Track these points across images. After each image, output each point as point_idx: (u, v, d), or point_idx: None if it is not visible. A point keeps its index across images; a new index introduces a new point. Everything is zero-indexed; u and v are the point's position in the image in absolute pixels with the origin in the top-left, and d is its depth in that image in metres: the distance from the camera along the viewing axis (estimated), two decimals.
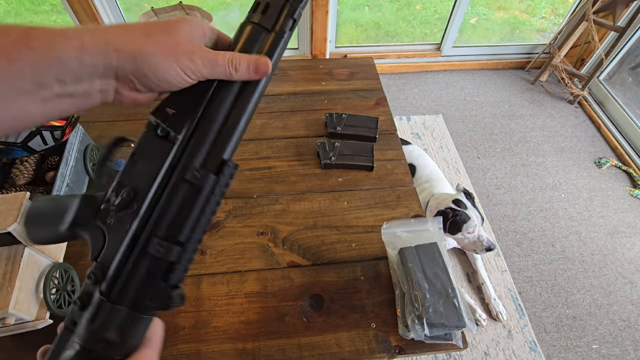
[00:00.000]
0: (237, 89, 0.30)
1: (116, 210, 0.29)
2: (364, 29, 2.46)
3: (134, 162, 0.30)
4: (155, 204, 0.29)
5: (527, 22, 2.58)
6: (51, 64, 0.23)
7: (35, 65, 0.23)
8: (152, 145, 0.30)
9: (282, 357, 0.58)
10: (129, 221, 0.29)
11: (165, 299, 0.29)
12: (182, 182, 0.29)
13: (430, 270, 0.61)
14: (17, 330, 0.54)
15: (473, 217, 1.20)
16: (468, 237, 1.22)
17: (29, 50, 0.23)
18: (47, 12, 2.28)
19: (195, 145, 0.29)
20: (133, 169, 0.30)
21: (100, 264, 0.29)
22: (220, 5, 2.39)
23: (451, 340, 0.57)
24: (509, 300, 1.42)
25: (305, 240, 0.72)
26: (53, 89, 0.24)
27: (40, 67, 0.23)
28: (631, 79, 2.13)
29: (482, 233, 1.22)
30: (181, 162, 0.29)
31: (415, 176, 1.51)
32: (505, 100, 2.26)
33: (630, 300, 1.45)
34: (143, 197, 0.29)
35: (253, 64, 0.29)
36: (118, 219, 0.29)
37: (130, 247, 0.29)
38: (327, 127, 0.90)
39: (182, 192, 0.29)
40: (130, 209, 0.29)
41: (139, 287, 0.28)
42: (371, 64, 1.11)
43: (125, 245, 0.28)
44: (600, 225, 1.68)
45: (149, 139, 0.30)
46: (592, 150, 2.00)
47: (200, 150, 0.29)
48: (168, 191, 0.29)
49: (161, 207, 0.29)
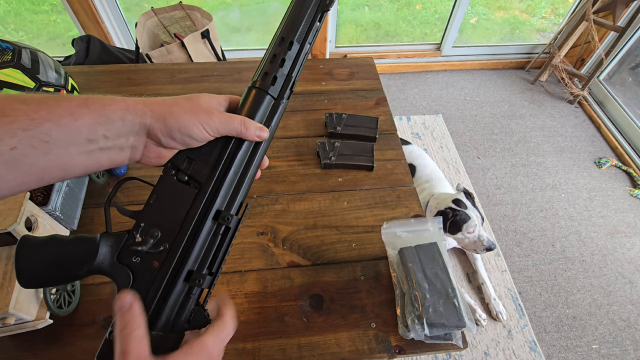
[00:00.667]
0: (248, 149, 0.36)
1: (147, 250, 0.32)
2: (364, 29, 2.46)
3: (153, 205, 0.33)
4: (190, 243, 0.33)
5: (527, 22, 2.58)
6: (102, 121, 0.28)
7: (91, 122, 0.28)
8: (173, 189, 0.34)
9: (282, 357, 0.58)
10: (158, 259, 0.33)
11: (202, 319, 0.34)
12: (218, 226, 0.34)
13: (430, 270, 0.61)
14: (17, 330, 0.54)
15: (473, 216, 1.20)
16: (468, 237, 1.22)
17: (89, 110, 0.28)
18: (47, 12, 2.28)
19: (225, 194, 0.35)
20: (154, 211, 0.33)
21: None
22: (220, 5, 2.39)
23: (451, 340, 0.57)
24: (509, 300, 1.42)
25: (305, 240, 0.72)
26: (98, 143, 0.29)
27: (94, 125, 0.28)
28: (631, 79, 2.13)
29: (482, 233, 1.22)
30: (213, 207, 0.34)
31: (415, 176, 1.51)
32: (505, 100, 2.26)
33: (630, 300, 1.45)
34: (171, 237, 0.33)
35: (259, 127, 0.35)
36: (144, 258, 0.33)
37: (170, 282, 0.33)
38: (327, 127, 0.90)
39: (218, 233, 0.35)
40: (158, 249, 0.33)
41: (177, 314, 0.33)
42: (371, 64, 1.11)
43: (164, 281, 0.32)
44: (600, 225, 1.68)
45: (168, 184, 0.34)
46: (592, 150, 2.00)
47: (229, 198, 0.35)
48: (206, 233, 0.34)
49: (200, 246, 0.34)
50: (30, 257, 0.30)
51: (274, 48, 0.37)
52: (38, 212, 0.59)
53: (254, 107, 0.36)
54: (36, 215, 0.58)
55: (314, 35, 0.38)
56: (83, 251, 0.31)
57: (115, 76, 1.02)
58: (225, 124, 0.33)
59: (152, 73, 1.05)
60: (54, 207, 0.64)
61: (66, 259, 0.31)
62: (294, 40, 0.36)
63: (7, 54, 0.58)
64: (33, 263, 0.30)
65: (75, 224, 0.70)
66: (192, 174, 0.34)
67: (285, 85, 0.37)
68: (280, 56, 0.36)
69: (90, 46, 1.51)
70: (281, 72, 0.37)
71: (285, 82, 0.37)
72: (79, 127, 0.27)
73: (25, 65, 0.60)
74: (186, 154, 0.34)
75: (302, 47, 0.37)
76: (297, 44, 0.37)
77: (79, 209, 0.72)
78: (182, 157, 0.34)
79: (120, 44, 2.05)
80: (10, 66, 0.58)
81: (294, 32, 0.36)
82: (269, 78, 0.36)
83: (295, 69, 0.37)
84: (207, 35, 1.52)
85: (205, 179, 0.34)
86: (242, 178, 0.36)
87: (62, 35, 2.29)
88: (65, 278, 0.32)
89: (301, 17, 0.37)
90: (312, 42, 0.38)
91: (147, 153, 0.32)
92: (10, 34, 2.22)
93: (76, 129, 0.27)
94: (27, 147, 0.25)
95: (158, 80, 1.02)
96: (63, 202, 0.67)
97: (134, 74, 1.04)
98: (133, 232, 0.33)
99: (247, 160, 0.36)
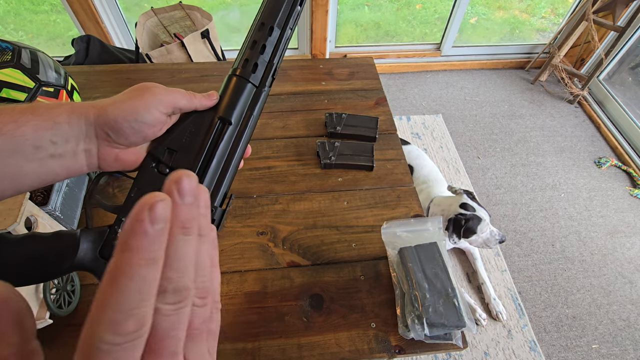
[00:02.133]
0: (231, 137, 0.34)
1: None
2: (364, 29, 2.46)
3: (134, 198, 0.32)
4: None
5: (527, 22, 2.58)
6: (48, 127, 0.27)
7: (36, 128, 0.27)
8: (154, 182, 0.32)
9: (282, 357, 0.58)
10: None
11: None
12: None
13: (430, 270, 0.61)
14: None
15: (484, 216, 1.19)
16: (482, 237, 1.22)
17: (33, 116, 0.27)
18: (46, 12, 2.28)
19: (207, 184, 0.33)
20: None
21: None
22: (220, 5, 2.39)
23: (451, 340, 0.57)
24: (509, 300, 1.42)
25: (305, 240, 0.72)
26: (47, 150, 0.27)
27: (40, 130, 0.27)
28: (631, 79, 2.13)
29: (492, 228, 1.23)
30: None
31: (412, 177, 1.51)
32: (505, 100, 2.26)
33: (630, 299, 1.45)
34: None
35: (206, 94, 0.34)
36: None
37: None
38: (327, 127, 0.90)
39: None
40: None
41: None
42: (371, 64, 1.11)
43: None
44: (600, 225, 1.68)
45: (150, 176, 0.33)
46: (592, 150, 2.00)
47: (213, 189, 0.33)
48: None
49: None
50: (9, 254, 0.30)
51: (253, 34, 0.35)
52: (38, 212, 0.59)
53: (234, 96, 0.35)
54: (36, 215, 0.58)
55: (295, 20, 0.37)
56: (63, 246, 0.30)
57: (115, 76, 1.02)
58: (172, 95, 0.32)
59: (152, 73, 1.05)
60: (54, 207, 0.64)
61: (47, 254, 0.30)
62: (274, 25, 0.35)
63: (6, 54, 0.58)
64: (12, 260, 0.29)
65: (75, 224, 0.70)
66: (173, 165, 0.33)
67: (266, 73, 0.36)
68: (261, 42, 0.35)
69: (90, 46, 1.51)
70: (262, 59, 0.35)
71: (266, 69, 0.36)
72: (23, 133, 0.26)
73: (25, 65, 0.60)
74: (167, 145, 0.33)
75: (283, 32, 0.36)
76: (278, 30, 0.35)
77: (78, 209, 0.72)
78: (163, 149, 0.33)
79: (120, 44, 2.05)
80: (10, 66, 0.58)
81: (273, 17, 0.35)
82: (249, 65, 0.35)
83: (277, 55, 0.36)
84: (207, 35, 1.52)
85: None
86: (226, 168, 0.34)
87: (61, 35, 2.29)
88: (47, 274, 0.31)
89: (281, 1, 0.35)
90: (293, 27, 0.37)
91: (104, 157, 0.31)
92: (10, 33, 2.22)
93: (21, 135, 0.26)
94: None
95: (158, 80, 1.02)
96: (63, 202, 0.67)
97: (134, 74, 1.04)
98: (114, 226, 0.32)
99: (230, 149, 0.35)
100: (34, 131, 0.27)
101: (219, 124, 0.35)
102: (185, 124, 0.34)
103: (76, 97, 0.69)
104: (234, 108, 0.35)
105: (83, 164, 0.30)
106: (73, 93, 0.68)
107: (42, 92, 0.61)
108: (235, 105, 0.35)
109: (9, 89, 0.57)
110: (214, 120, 0.35)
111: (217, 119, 0.35)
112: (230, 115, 0.35)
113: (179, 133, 0.34)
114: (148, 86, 0.32)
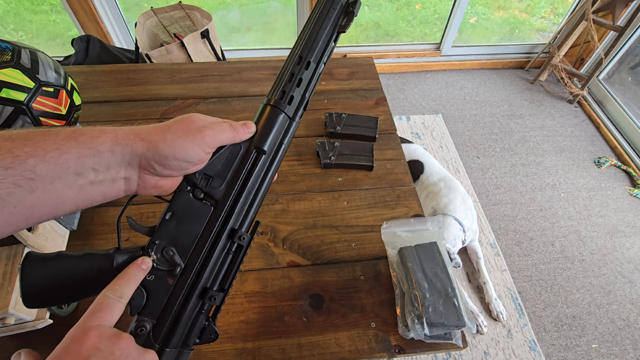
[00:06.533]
0: (263, 166, 0.36)
1: (162, 268, 0.32)
2: (364, 29, 2.46)
3: (169, 222, 0.33)
4: (204, 261, 0.34)
5: (527, 22, 2.58)
6: (90, 154, 0.27)
7: (79, 156, 0.27)
8: (189, 206, 0.34)
9: (282, 356, 0.58)
10: (172, 276, 0.32)
11: (212, 333, 0.35)
12: (232, 243, 0.35)
13: (430, 269, 0.61)
14: (17, 330, 0.54)
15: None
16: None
17: (76, 143, 0.27)
18: (46, 11, 2.28)
19: (240, 212, 0.35)
20: (169, 228, 0.33)
21: (144, 317, 0.32)
22: (220, 5, 2.39)
23: (451, 339, 0.58)
24: (509, 300, 1.42)
25: (305, 240, 0.72)
26: (88, 177, 0.28)
27: (82, 158, 0.27)
28: (630, 79, 2.14)
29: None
30: (228, 226, 0.34)
31: (424, 173, 1.45)
32: (504, 99, 2.26)
33: (629, 299, 1.46)
34: (185, 255, 0.33)
35: (243, 124, 0.35)
36: (159, 275, 0.32)
37: (184, 299, 0.33)
38: (326, 126, 0.90)
39: (231, 250, 0.35)
40: (173, 266, 0.32)
41: (190, 330, 0.34)
42: (371, 64, 1.11)
43: (179, 299, 0.32)
44: (599, 225, 1.69)
45: (184, 201, 0.34)
46: (592, 150, 2.00)
47: (243, 215, 0.35)
48: (219, 250, 0.34)
49: (213, 264, 0.34)
50: (37, 275, 0.29)
51: (292, 66, 0.36)
52: None
53: (268, 124, 0.36)
54: None
55: (328, 55, 0.38)
56: (97, 268, 0.30)
57: (114, 76, 1.02)
58: (218, 136, 0.33)
59: (152, 73, 1.05)
60: None
61: (77, 277, 0.30)
62: (311, 60, 0.36)
63: (6, 54, 0.58)
64: (41, 282, 0.29)
65: (75, 224, 0.70)
66: (209, 192, 0.34)
67: (299, 105, 0.37)
68: (298, 76, 0.36)
69: (89, 46, 1.51)
70: (297, 92, 0.37)
71: (299, 102, 0.37)
72: (65, 160, 0.26)
73: (24, 65, 0.60)
74: (204, 171, 0.34)
75: (317, 67, 0.37)
76: (314, 64, 0.37)
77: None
78: (200, 175, 0.34)
79: (119, 43, 2.05)
80: (9, 66, 0.57)
81: (311, 52, 0.36)
82: (286, 97, 0.36)
83: (309, 89, 0.38)
84: (206, 35, 1.52)
85: (222, 196, 0.34)
86: (255, 195, 0.36)
87: (61, 35, 2.29)
88: (74, 296, 0.31)
89: (319, 36, 0.37)
90: (326, 62, 0.38)
91: (143, 184, 0.31)
92: (9, 33, 2.22)
93: (63, 163, 0.26)
94: (10, 186, 0.24)
95: (158, 80, 1.02)
96: None
97: (134, 73, 1.04)
98: (148, 249, 0.32)
99: (262, 177, 0.36)
100: (77, 159, 0.27)
101: (254, 153, 0.36)
102: (222, 152, 0.35)
103: (76, 97, 0.69)
104: (268, 138, 0.36)
105: (121, 189, 0.31)
106: (73, 93, 0.68)
107: (42, 92, 0.61)
108: (269, 134, 0.36)
109: (9, 89, 0.57)
110: (250, 148, 0.36)
111: (252, 147, 0.36)
112: (265, 144, 0.36)
113: (216, 160, 0.35)
114: (198, 126, 0.32)
